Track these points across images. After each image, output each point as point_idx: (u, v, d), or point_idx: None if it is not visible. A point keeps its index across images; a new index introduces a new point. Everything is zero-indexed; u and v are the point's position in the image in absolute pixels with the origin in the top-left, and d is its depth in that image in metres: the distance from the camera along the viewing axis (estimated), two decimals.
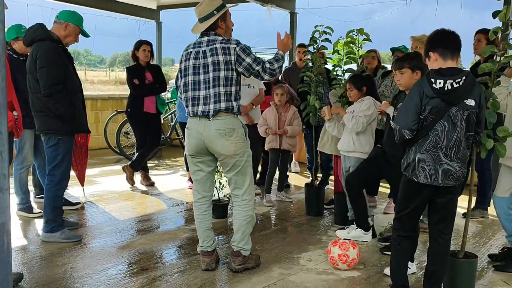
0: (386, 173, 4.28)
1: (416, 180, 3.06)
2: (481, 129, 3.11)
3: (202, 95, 3.62)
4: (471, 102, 2.96)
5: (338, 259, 3.88)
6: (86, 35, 4.55)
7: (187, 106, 3.71)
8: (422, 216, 3.51)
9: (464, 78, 2.91)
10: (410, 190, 3.16)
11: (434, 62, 3.03)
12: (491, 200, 5.08)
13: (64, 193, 4.73)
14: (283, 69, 7.03)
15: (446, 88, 2.90)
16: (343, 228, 4.72)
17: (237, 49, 3.58)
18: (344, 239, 4.17)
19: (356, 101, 4.72)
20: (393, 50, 5.60)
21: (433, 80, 2.93)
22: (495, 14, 3.29)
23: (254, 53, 3.67)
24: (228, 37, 3.69)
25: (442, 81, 2.90)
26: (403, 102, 3.31)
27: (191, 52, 3.69)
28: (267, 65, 3.64)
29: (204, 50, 3.62)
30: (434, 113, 2.96)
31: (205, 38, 3.67)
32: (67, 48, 4.44)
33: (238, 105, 3.66)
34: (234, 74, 3.62)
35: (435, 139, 2.99)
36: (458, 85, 2.89)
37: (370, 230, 4.57)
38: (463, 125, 2.97)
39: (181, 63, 3.76)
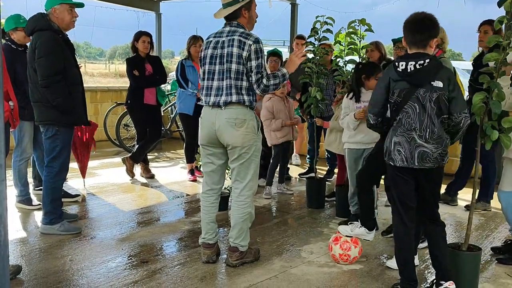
0: None
1: (392, 164, 3.13)
2: (459, 109, 3.07)
3: (215, 85, 3.60)
4: (438, 84, 3.05)
5: (339, 258, 3.85)
6: (79, 5, 4.35)
7: (202, 95, 3.71)
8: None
9: (428, 60, 3.02)
10: (391, 175, 3.23)
11: (406, 47, 3.16)
12: (494, 193, 5.06)
13: (64, 185, 4.70)
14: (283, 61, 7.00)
15: (408, 70, 3.02)
16: (346, 223, 4.63)
17: (252, 47, 3.51)
18: (346, 236, 4.10)
19: (367, 89, 4.55)
20: (394, 41, 5.52)
21: (397, 64, 3.07)
22: (500, 3, 3.24)
23: (263, 61, 3.58)
24: (249, 31, 3.62)
25: (404, 63, 3.05)
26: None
27: (211, 41, 3.65)
28: (264, 80, 3.54)
29: (223, 41, 3.57)
30: (402, 95, 3.07)
31: (227, 28, 3.63)
32: (70, 38, 4.38)
33: (250, 100, 3.60)
34: (246, 68, 3.57)
35: (408, 122, 3.08)
36: (420, 66, 3.01)
37: (374, 230, 4.44)
38: (432, 106, 3.05)
39: (201, 51, 3.72)
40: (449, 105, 3.07)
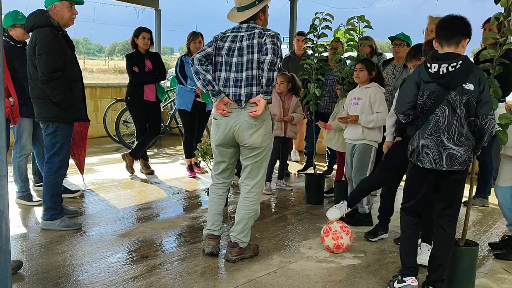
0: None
1: (421, 165, 3.10)
2: (485, 111, 2.99)
3: (233, 76, 3.61)
4: (469, 87, 2.96)
5: (334, 247, 3.93)
6: (79, 2, 4.34)
7: (218, 86, 3.66)
8: None
9: (460, 62, 2.92)
10: (415, 176, 3.20)
11: (437, 48, 3.08)
12: (492, 189, 5.09)
13: (64, 181, 4.71)
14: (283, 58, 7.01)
15: (441, 72, 2.94)
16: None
17: (270, 34, 3.51)
18: (336, 221, 4.10)
19: (361, 85, 4.64)
20: (392, 38, 5.54)
21: (429, 65, 2.99)
22: (497, 0, 3.25)
23: (280, 51, 3.57)
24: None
25: (436, 65, 2.96)
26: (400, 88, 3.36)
27: (228, 35, 3.67)
28: (275, 68, 3.46)
29: (242, 35, 3.61)
30: (433, 97, 3.00)
31: (245, 25, 3.66)
32: (69, 34, 4.38)
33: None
34: None
35: (436, 124, 3.02)
36: (453, 69, 2.92)
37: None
38: (462, 109, 2.98)
39: (216, 41, 3.68)
40: (476, 107, 2.99)
